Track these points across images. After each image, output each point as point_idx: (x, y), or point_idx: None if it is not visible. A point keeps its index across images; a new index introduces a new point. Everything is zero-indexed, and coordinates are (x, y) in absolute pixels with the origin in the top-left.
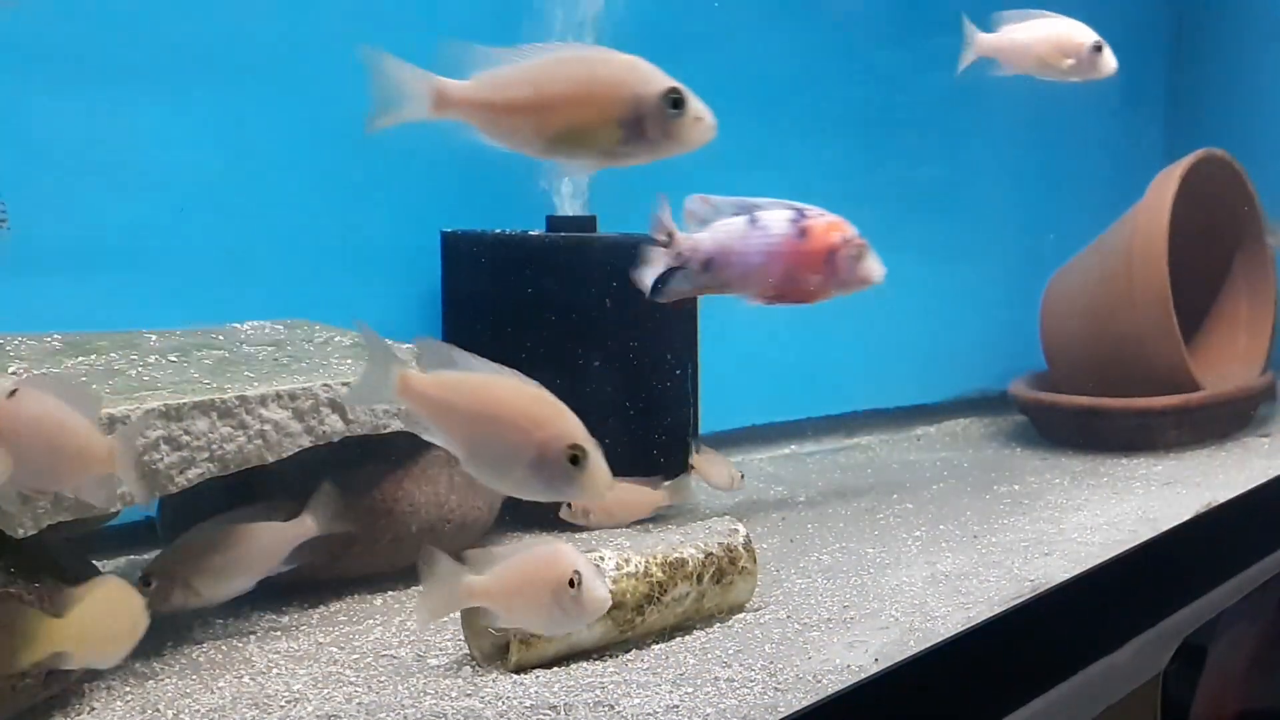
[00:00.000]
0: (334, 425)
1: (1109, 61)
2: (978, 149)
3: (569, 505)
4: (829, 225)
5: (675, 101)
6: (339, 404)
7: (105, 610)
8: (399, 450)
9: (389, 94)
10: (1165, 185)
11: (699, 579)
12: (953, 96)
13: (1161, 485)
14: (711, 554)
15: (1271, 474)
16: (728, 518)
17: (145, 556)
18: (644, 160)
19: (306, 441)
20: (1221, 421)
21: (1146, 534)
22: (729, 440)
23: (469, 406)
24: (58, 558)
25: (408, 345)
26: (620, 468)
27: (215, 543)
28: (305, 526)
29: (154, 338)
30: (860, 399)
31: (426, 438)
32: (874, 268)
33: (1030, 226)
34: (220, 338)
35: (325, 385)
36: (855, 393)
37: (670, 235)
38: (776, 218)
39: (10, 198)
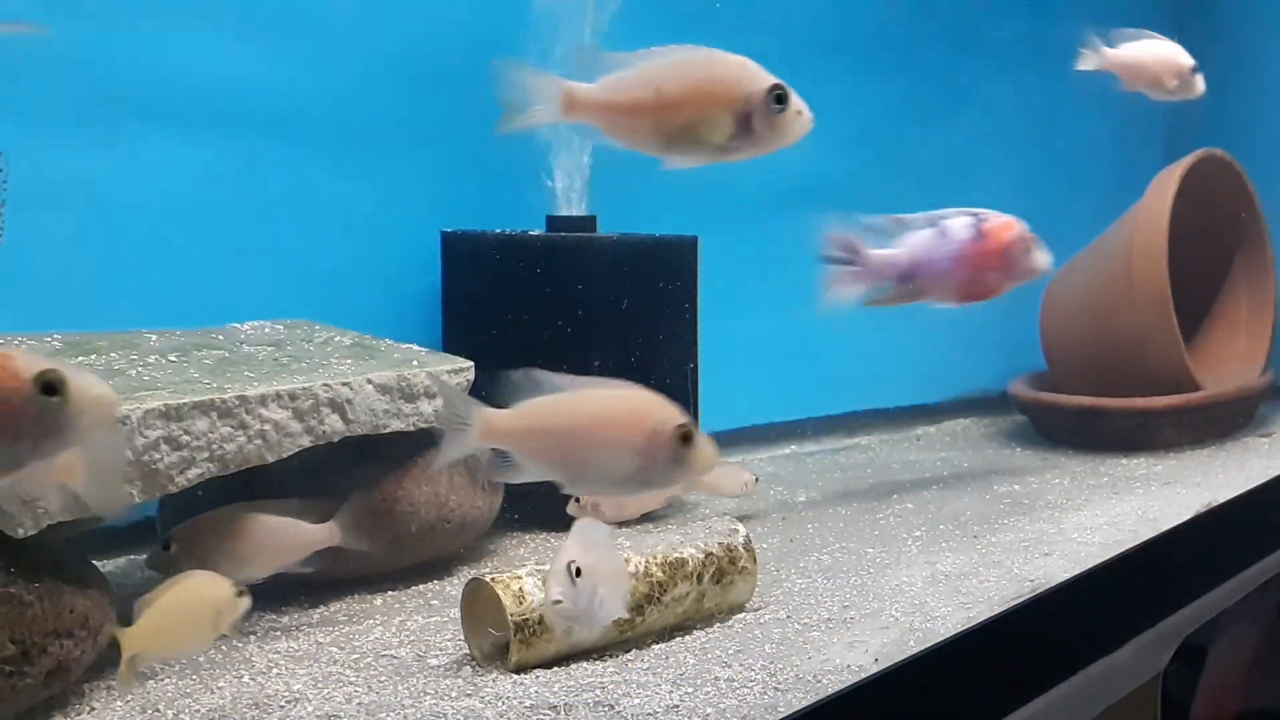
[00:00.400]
0: (334, 425)
1: (1200, 83)
2: (978, 149)
3: (577, 500)
4: (1003, 225)
5: (779, 97)
6: (338, 403)
7: (180, 607)
8: (399, 450)
9: (523, 98)
10: (1165, 185)
11: (699, 579)
12: (953, 97)
13: (1161, 485)
14: (711, 554)
15: (1271, 474)
16: (727, 518)
17: (144, 556)
18: (749, 155)
19: (306, 441)
20: (1221, 421)
21: (1146, 534)
22: (729, 440)
23: (562, 425)
24: (58, 558)
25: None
26: None
27: (240, 526)
28: (330, 533)
29: (154, 338)
30: (860, 399)
31: (518, 478)
32: (1042, 257)
33: (1031, 226)
34: (220, 338)
35: (325, 385)
36: (855, 393)
37: (856, 253)
38: (958, 224)
39: (11, 198)
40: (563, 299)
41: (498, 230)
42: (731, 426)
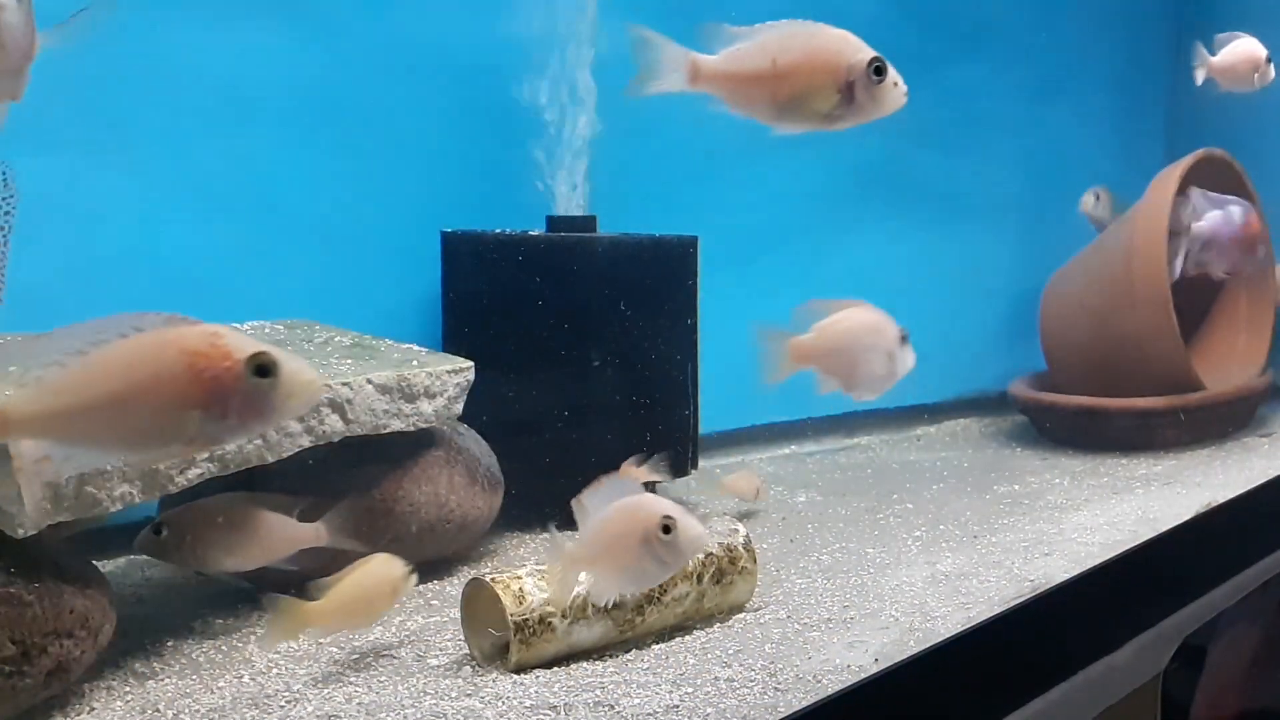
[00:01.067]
0: (334, 425)
1: (1273, 72)
2: (978, 149)
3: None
4: (1254, 215)
5: (879, 69)
6: (338, 404)
7: (361, 586)
8: (399, 450)
9: (653, 66)
10: (1165, 185)
11: (699, 579)
12: (953, 97)
13: (1161, 485)
14: (711, 554)
15: (1271, 474)
16: (727, 517)
17: (145, 556)
18: (853, 123)
19: (306, 441)
20: (1221, 421)
21: (1146, 534)
22: (729, 440)
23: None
24: (58, 558)
25: (419, 348)
26: (620, 467)
27: (232, 517)
28: (318, 534)
29: None
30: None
31: None
32: (1270, 252)
33: (1031, 226)
34: None
35: (325, 385)
36: None
37: (1188, 227)
38: (1237, 209)
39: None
40: (563, 299)
41: (498, 230)
42: (731, 426)
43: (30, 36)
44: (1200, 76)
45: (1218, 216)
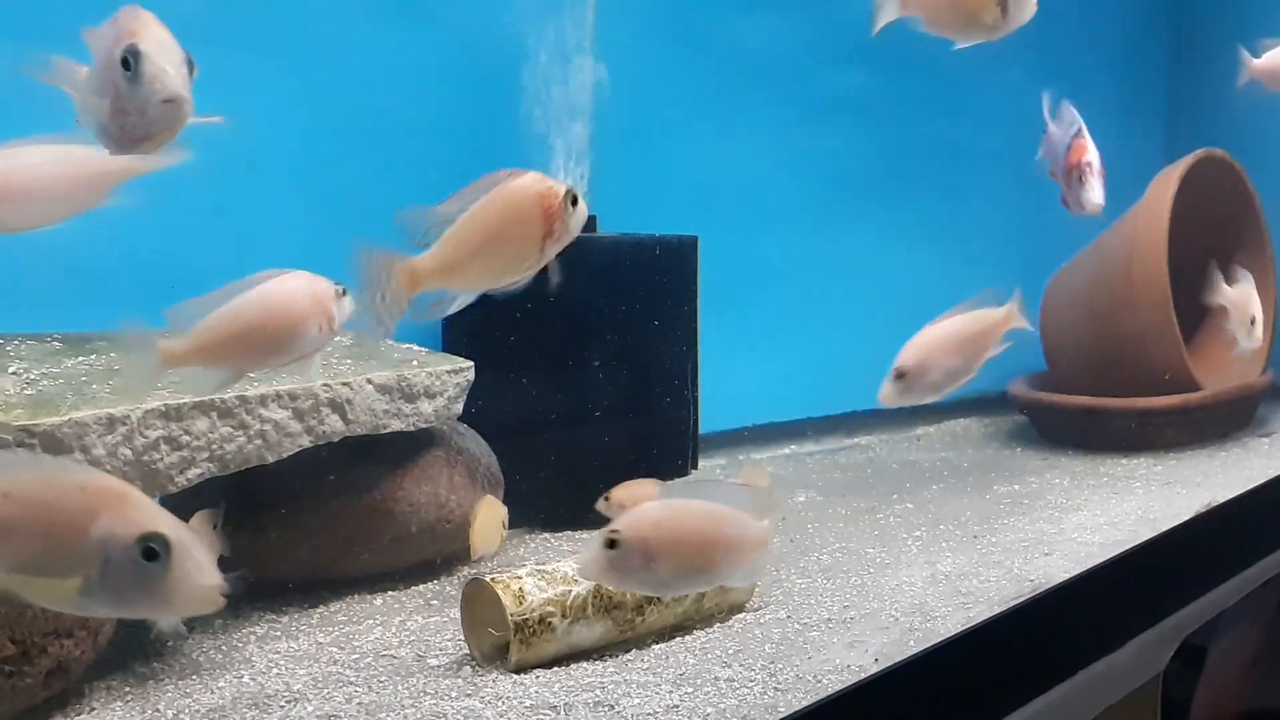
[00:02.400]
0: (334, 425)
1: None
2: (978, 149)
3: (605, 498)
4: (1084, 142)
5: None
6: (338, 403)
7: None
8: (399, 450)
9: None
10: (1165, 185)
11: None
12: (953, 97)
13: (1161, 485)
14: None
15: (1271, 474)
16: None
17: None
18: (1006, 33)
19: (306, 441)
20: (1221, 421)
21: (1146, 534)
22: (729, 440)
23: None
24: None
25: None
26: (620, 467)
27: None
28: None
29: None
30: (860, 399)
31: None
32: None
33: (1030, 226)
34: None
35: (325, 385)
36: (855, 393)
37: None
38: (1076, 130)
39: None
40: (563, 299)
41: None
42: (731, 426)
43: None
44: (1244, 78)
45: (1060, 131)
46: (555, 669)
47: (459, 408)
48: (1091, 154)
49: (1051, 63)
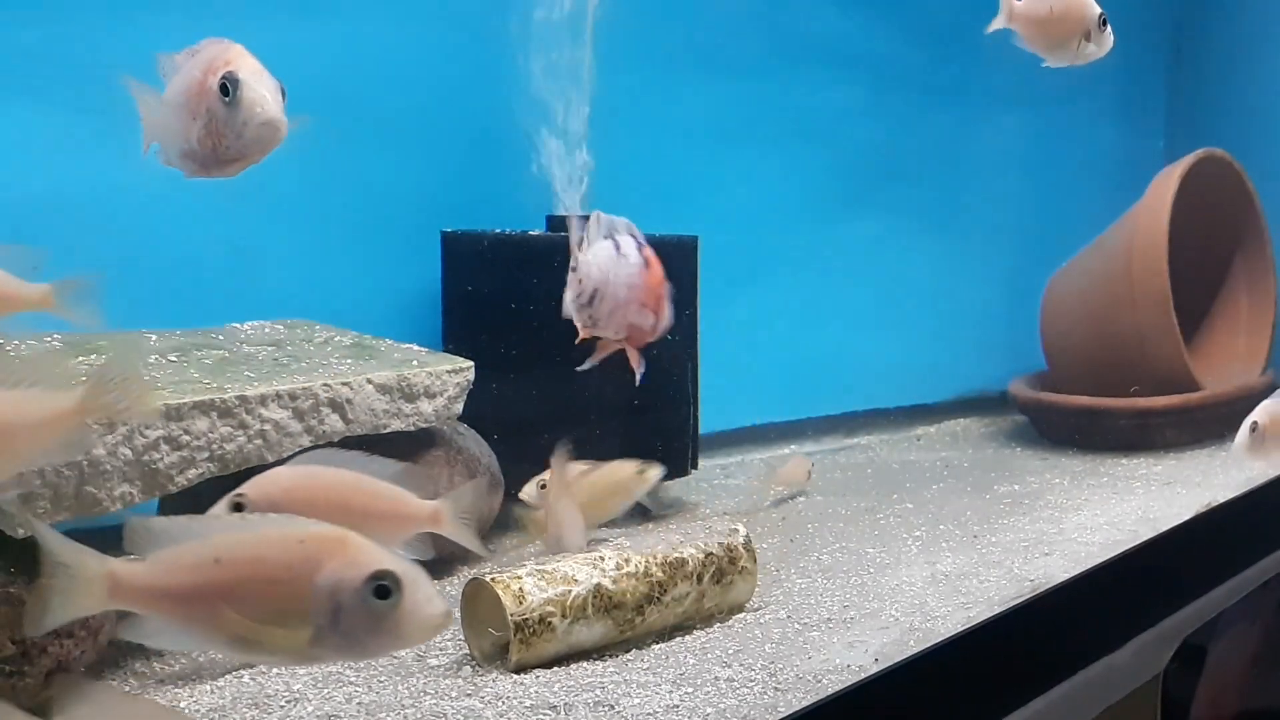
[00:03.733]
0: (334, 425)
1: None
2: (978, 149)
3: (541, 486)
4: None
5: (1104, 21)
6: (338, 403)
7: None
8: (399, 450)
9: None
10: (1165, 185)
11: (699, 579)
12: (953, 98)
13: (1161, 485)
14: (711, 554)
15: (1271, 474)
16: (727, 517)
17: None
18: (1097, 57)
19: (306, 441)
20: (1221, 421)
21: (1146, 534)
22: (729, 440)
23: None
24: None
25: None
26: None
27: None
28: (435, 515)
29: (154, 338)
30: (860, 399)
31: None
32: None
33: (1031, 226)
34: (220, 338)
35: (325, 385)
36: (855, 393)
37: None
38: (632, 244)
39: (12, 198)
40: (563, 299)
41: (498, 230)
42: (731, 426)
43: None
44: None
45: (607, 252)
46: (555, 669)
47: (459, 408)
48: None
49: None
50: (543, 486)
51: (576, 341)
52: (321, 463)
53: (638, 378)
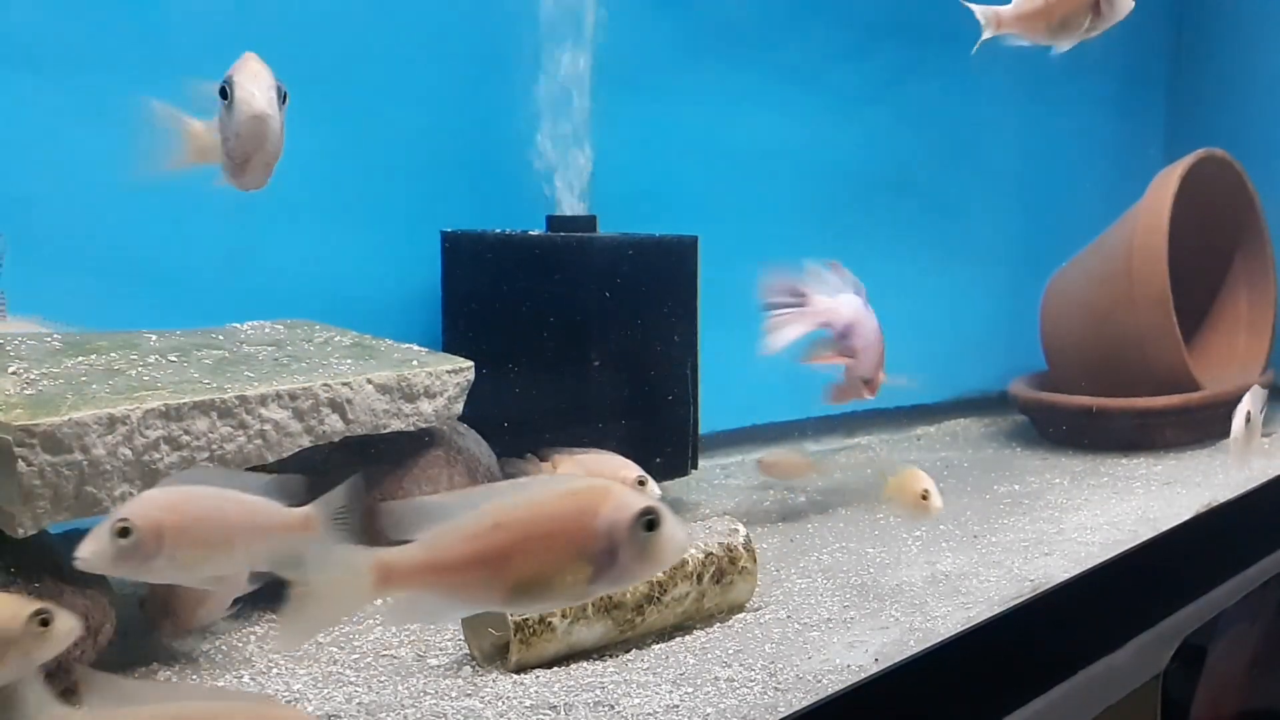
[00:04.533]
0: (334, 425)
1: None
2: (978, 149)
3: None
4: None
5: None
6: (338, 403)
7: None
8: (399, 450)
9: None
10: (1165, 185)
11: (699, 579)
12: (953, 97)
13: (1161, 485)
14: (711, 554)
15: (1271, 474)
16: (727, 517)
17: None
18: (1103, 29)
19: (306, 441)
20: (1221, 421)
21: (1146, 534)
22: (729, 440)
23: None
24: (57, 558)
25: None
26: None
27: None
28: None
29: (154, 338)
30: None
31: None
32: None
33: (1030, 226)
34: (220, 337)
35: (325, 385)
36: None
37: (802, 296)
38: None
39: (12, 195)
40: (563, 299)
41: (498, 230)
42: (731, 426)
43: (281, 140)
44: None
45: (858, 304)
46: (555, 669)
47: (459, 408)
48: None
49: (1051, 63)
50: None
51: (805, 360)
52: (193, 482)
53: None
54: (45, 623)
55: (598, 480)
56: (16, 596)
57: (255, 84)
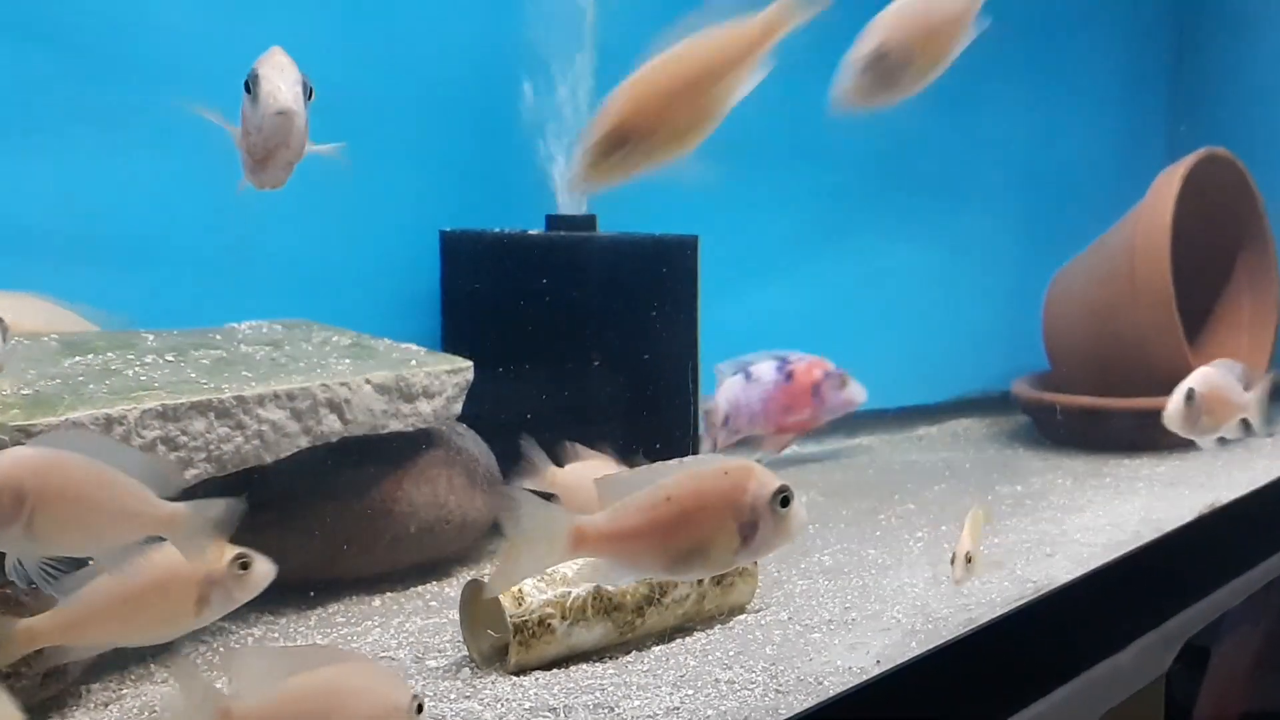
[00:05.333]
0: (332, 425)
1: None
2: (980, 149)
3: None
4: (807, 366)
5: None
6: (337, 404)
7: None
8: (397, 451)
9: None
10: (1167, 184)
11: (699, 580)
12: (954, 98)
13: (1164, 486)
14: None
15: (1275, 475)
16: None
17: None
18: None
19: (304, 442)
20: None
21: (1149, 535)
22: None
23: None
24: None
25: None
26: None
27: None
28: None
29: (151, 338)
30: None
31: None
32: (855, 391)
33: (1032, 226)
34: (218, 338)
35: (323, 385)
36: None
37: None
38: (764, 369)
39: (12, 192)
40: (563, 299)
41: (498, 230)
42: None
43: (305, 137)
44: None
45: (733, 387)
46: (555, 671)
47: (458, 408)
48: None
49: (1054, 61)
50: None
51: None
52: (67, 446)
53: None
54: (245, 566)
55: (742, 460)
56: (220, 541)
57: (281, 77)
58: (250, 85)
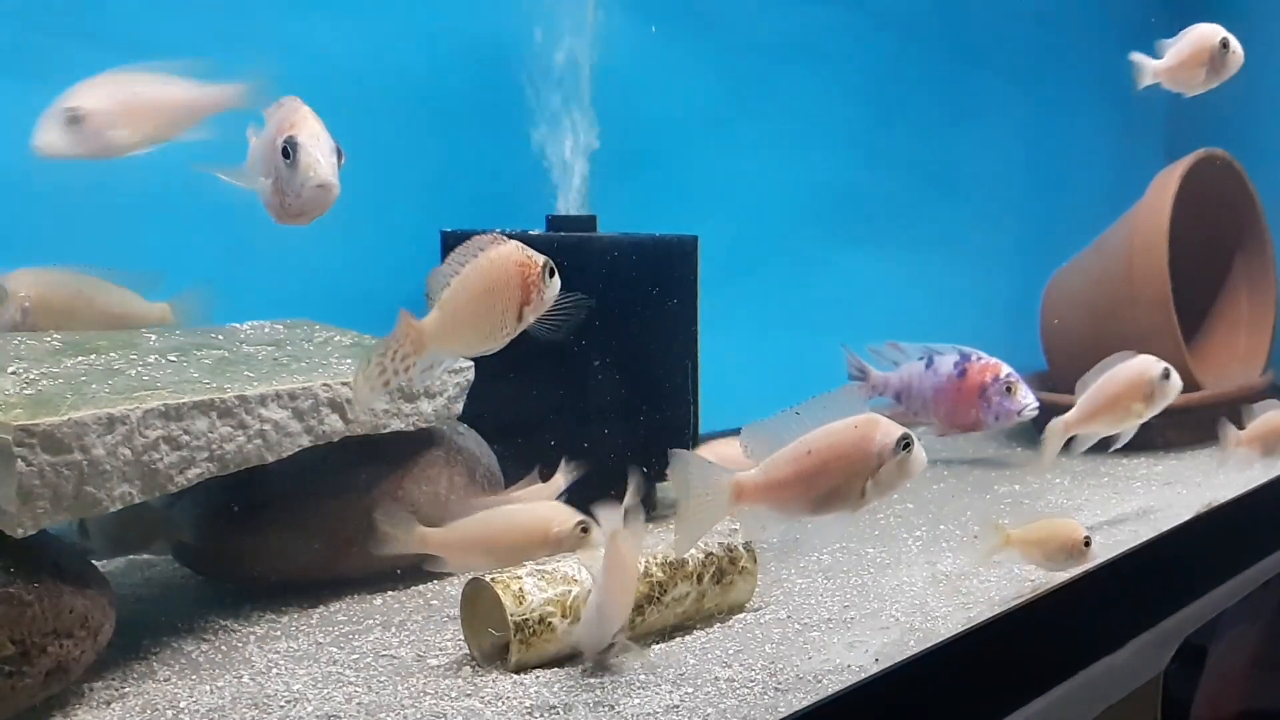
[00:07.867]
0: (334, 425)
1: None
2: (979, 149)
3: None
4: (983, 367)
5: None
6: (338, 403)
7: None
8: (399, 450)
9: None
10: (1166, 185)
11: (699, 579)
12: (954, 98)
13: (1162, 485)
14: (712, 554)
15: (1272, 474)
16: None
17: (143, 556)
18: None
19: (306, 441)
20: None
21: (1147, 534)
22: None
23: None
24: (57, 558)
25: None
26: (621, 468)
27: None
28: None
29: (153, 337)
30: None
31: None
32: (1021, 399)
33: (1031, 226)
34: (219, 337)
35: (325, 385)
36: None
37: (864, 372)
38: (945, 361)
39: (12, 193)
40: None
41: (497, 230)
42: (732, 425)
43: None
44: (1144, 81)
45: (912, 370)
46: (555, 669)
47: (459, 408)
48: (1002, 367)
49: (1052, 63)
50: (585, 530)
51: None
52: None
53: None
54: (585, 530)
55: (872, 415)
56: (567, 507)
57: (318, 148)
58: (289, 152)
